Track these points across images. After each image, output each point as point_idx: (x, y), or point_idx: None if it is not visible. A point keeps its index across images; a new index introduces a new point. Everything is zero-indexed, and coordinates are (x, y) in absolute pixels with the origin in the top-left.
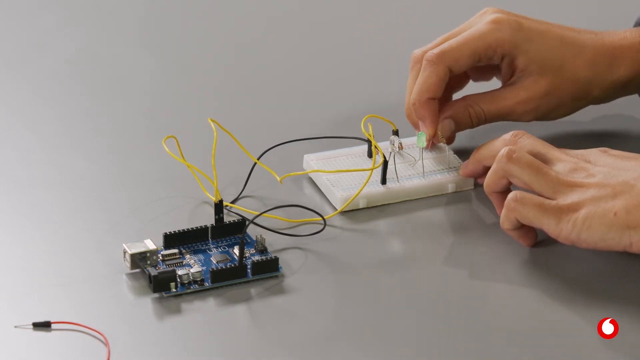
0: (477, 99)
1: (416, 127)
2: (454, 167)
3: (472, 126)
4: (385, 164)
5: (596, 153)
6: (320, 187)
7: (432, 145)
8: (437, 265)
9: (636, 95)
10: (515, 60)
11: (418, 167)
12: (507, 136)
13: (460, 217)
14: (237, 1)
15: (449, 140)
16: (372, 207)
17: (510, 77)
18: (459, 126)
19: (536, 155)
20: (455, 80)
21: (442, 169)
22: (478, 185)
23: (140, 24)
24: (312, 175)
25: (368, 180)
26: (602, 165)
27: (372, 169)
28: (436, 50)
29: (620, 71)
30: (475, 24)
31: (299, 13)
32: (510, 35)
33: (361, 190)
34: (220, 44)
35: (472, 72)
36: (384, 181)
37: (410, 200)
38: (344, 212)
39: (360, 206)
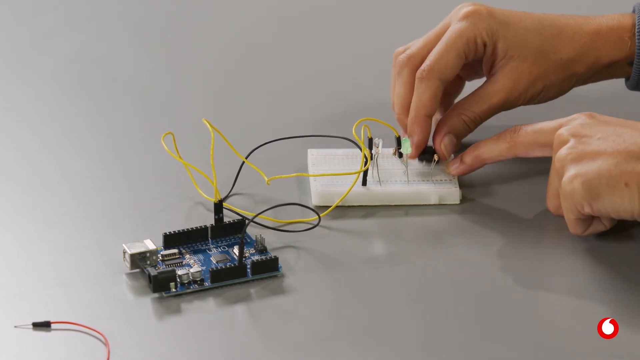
0: (467, 104)
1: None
2: (440, 179)
3: (471, 131)
4: (366, 165)
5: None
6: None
7: (418, 154)
8: (434, 264)
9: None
10: (496, 48)
11: (416, 174)
12: (507, 137)
13: (455, 217)
14: (235, 1)
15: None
16: (351, 206)
17: (492, 66)
18: (459, 137)
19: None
20: (451, 86)
21: (429, 180)
22: (464, 201)
23: (138, 24)
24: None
25: (355, 183)
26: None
27: (358, 172)
28: (424, 67)
29: (604, 50)
30: (451, 23)
31: (295, 11)
32: (485, 23)
33: (348, 192)
34: (217, 43)
35: (463, 72)
36: (364, 182)
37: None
38: (338, 210)
39: (335, 202)
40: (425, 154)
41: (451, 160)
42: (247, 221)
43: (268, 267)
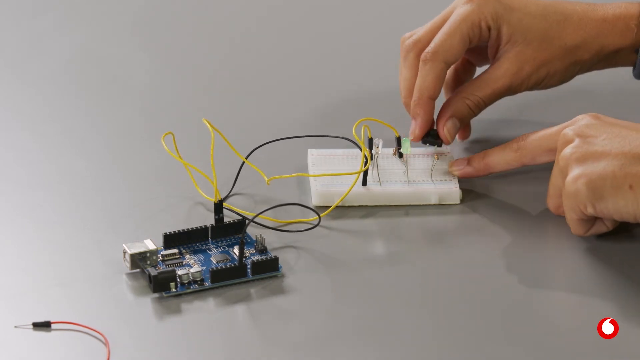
0: (471, 89)
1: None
2: (440, 179)
3: (475, 116)
4: (366, 165)
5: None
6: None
7: (422, 137)
8: (434, 264)
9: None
10: (500, 32)
11: (416, 173)
12: (514, 145)
13: (455, 217)
14: (236, 1)
15: (464, 135)
16: (351, 206)
17: (496, 51)
18: (463, 121)
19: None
20: (462, 71)
21: (429, 180)
22: (464, 201)
23: (138, 24)
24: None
25: (355, 183)
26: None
27: (358, 172)
28: (429, 49)
29: (610, 37)
30: (456, 7)
31: (296, 11)
32: (490, 7)
33: (349, 192)
34: (218, 43)
35: (472, 57)
36: (364, 182)
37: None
38: (338, 210)
39: (335, 202)
40: (429, 136)
41: (456, 160)
42: (247, 221)
43: (268, 267)
